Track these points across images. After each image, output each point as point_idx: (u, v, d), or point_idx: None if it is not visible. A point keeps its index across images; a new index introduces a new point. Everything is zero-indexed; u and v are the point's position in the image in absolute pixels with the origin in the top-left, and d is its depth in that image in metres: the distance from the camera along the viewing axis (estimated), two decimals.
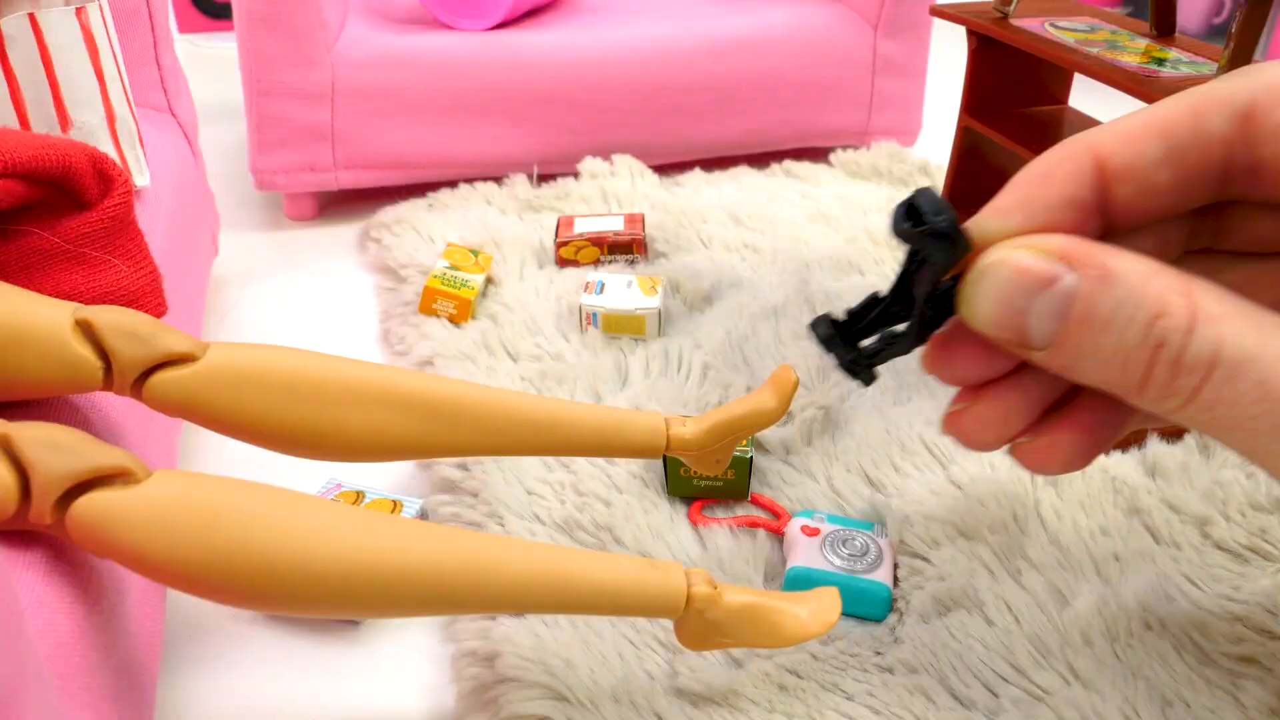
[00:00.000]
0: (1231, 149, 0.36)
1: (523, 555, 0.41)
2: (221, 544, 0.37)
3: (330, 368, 0.49)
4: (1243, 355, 0.33)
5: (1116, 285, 0.34)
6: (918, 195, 0.40)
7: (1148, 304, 0.34)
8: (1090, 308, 0.35)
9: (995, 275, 0.36)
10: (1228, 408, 0.34)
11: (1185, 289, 0.34)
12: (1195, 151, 0.36)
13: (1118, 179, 0.37)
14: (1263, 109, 0.35)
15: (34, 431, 0.37)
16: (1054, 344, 0.36)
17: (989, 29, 0.74)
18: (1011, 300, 0.36)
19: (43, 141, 0.50)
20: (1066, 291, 0.35)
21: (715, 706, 0.49)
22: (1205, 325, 0.33)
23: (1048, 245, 0.36)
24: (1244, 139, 0.35)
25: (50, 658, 0.34)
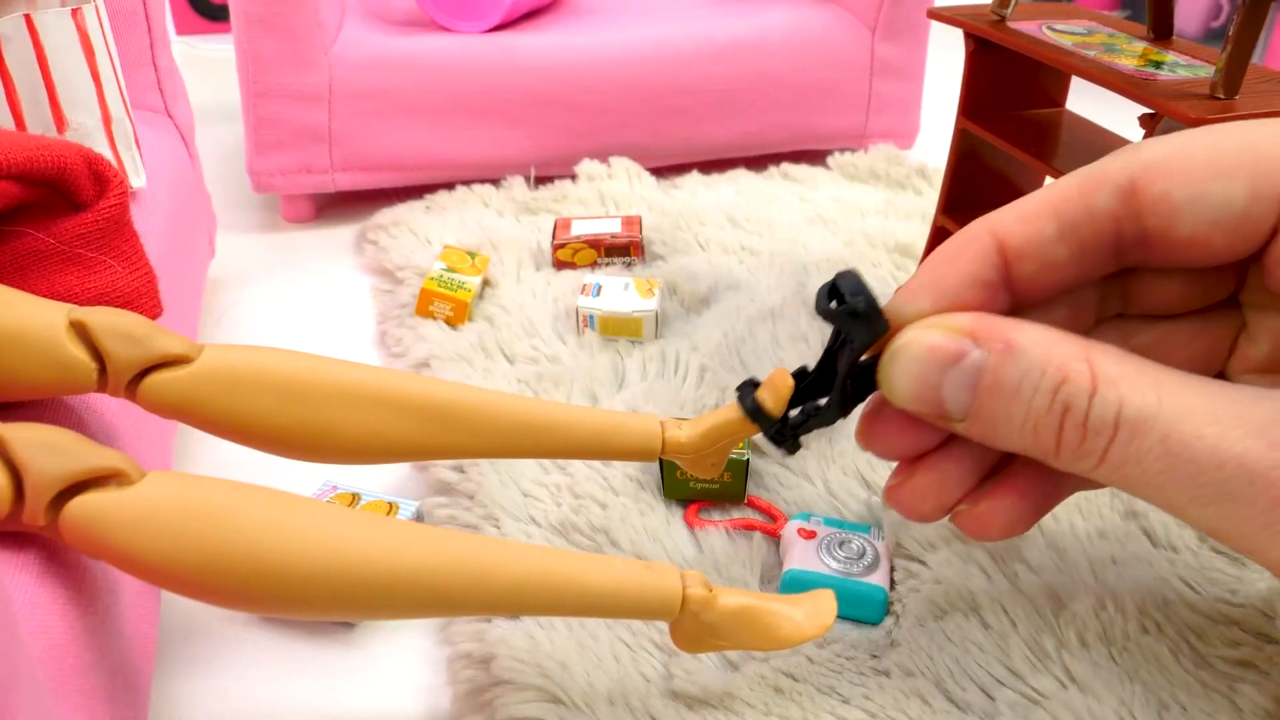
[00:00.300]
0: (1120, 223, 0.38)
1: (518, 557, 0.41)
2: (216, 546, 0.37)
3: (326, 369, 0.49)
4: (1142, 415, 0.35)
5: (1020, 356, 0.37)
6: (839, 278, 0.42)
7: (1050, 372, 0.36)
8: (998, 379, 0.37)
9: (908, 354, 0.39)
10: (1135, 465, 0.36)
11: (1085, 355, 0.36)
12: (1087, 227, 0.38)
13: (1018, 257, 0.39)
14: (1143, 184, 0.37)
15: (27, 433, 0.36)
16: (970, 415, 0.39)
17: (986, 32, 0.74)
18: (924, 377, 0.38)
19: (38, 142, 0.50)
20: (974, 365, 0.37)
21: (711, 709, 0.49)
22: (1106, 388, 0.35)
23: (955, 324, 0.38)
24: (1130, 213, 0.37)
25: (44, 659, 0.34)
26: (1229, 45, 0.58)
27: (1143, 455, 0.35)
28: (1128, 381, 0.36)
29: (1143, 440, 0.35)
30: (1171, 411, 0.35)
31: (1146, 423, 0.35)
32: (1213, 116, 0.57)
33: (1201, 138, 0.37)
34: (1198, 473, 0.34)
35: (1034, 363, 0.36)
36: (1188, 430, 0.34)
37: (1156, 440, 0.35)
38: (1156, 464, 0.35)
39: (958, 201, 0.83)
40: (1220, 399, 0.35)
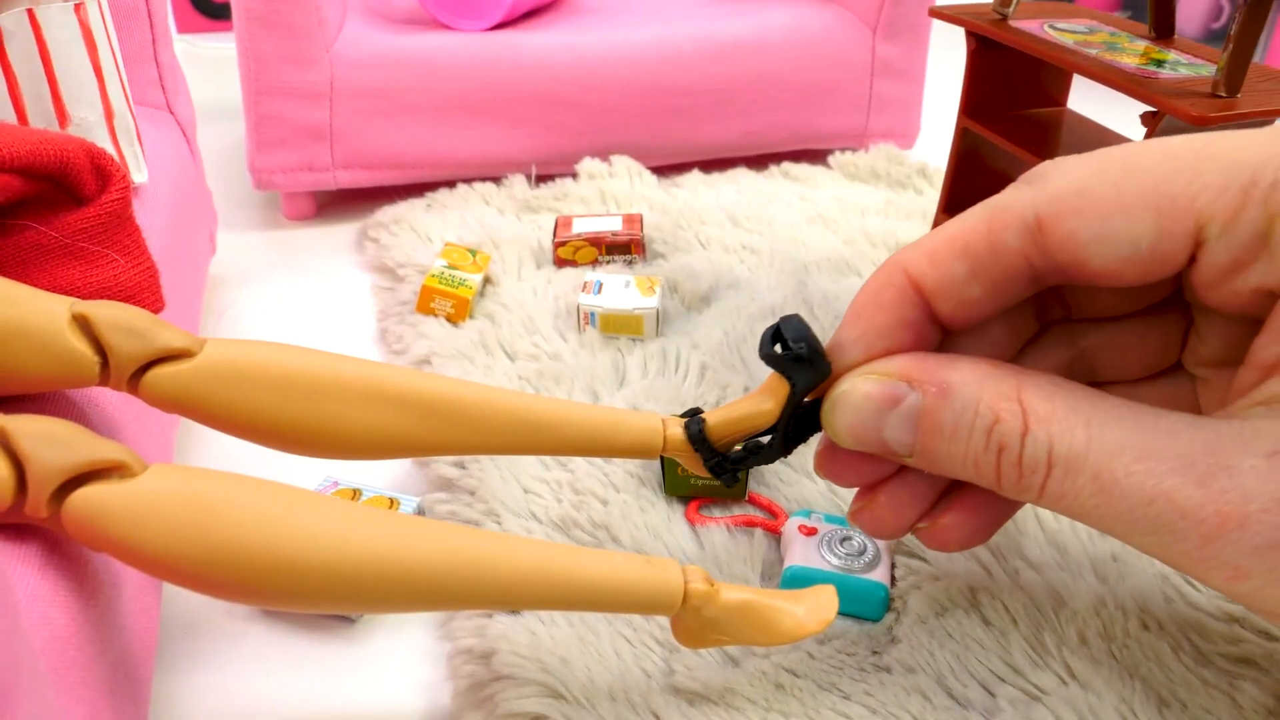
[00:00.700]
0: (1030, 259, 0.38)
1: (520, 552, 0.41)
2: (217, 538, 0.37)
3: (328, 365, 0.49)
4: (1072, 454, 0.36)
5: (953, 398, 0.38)
6: (783, 323, 0.43)
7: (983, 412, 0.37)
8: (934, 421, 0.39)
9: (847, 402, 0.41)
10: (1073, 499, 0.37)
11: (1016, 393, 0.37)
12: (997, 266, 0.38)
13: (934, 297, 0.40)
14: (1049, 222, 0.36)
15: (30, 425, 0.36)
16: (915, 453, 0.40)
17: (988, 30, 0.74)
18: (864, 422, 0.40)
19: (40, 136, 0.50)
20: (911, 409, 0.39)
21: (712, 705, 0.49)
22: (1037, 428, 0.37)
23: (889, 369, 0.40)
24: (1039, 251, 0.37)
25: (45, 651, 0.34)
26: (1230, 44, 0.58)
27: (1077, 491, 0.36)
28: (1058, 421, 0.36)
29: (1075, 478, 0.36)
30: (1101, 449, 0.36)
31: (1077, 461, 0.36)
32: (1214, 115, 0.57)
33: (1108, 169, 0.36)
34: (1130, 508, 0.35)
35: (967, 404, 0.38)
36: (1117, 468, 0.35)
37: (1088, 478, 0.36)
38: (1091, 500, 0.36)
39: (959, 200, 0.83)
40: (1152, 431, 0.36)
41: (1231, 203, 0.34)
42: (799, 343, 0.44)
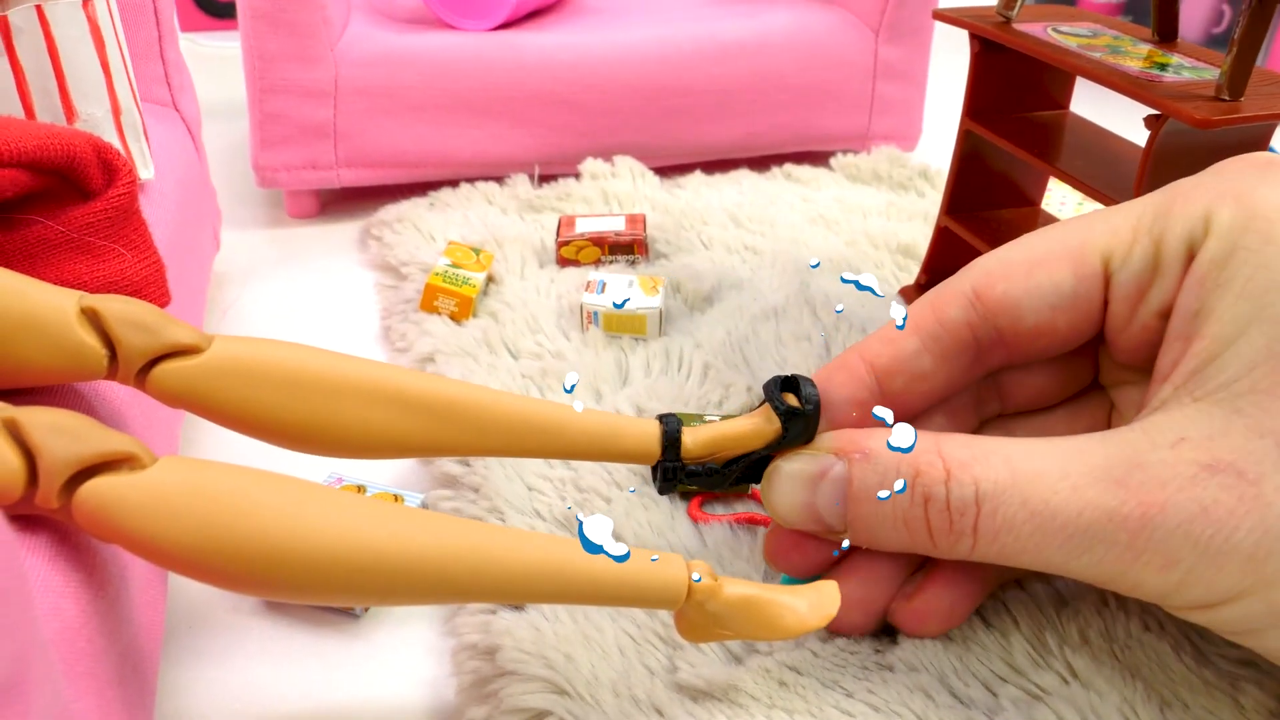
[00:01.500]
0: (974, 328, 0.43)
1: (526, 545, 0.41)
2: (226, 529, 0.37)
3: (334, 364, 0.49)
4: (998, 488, 0.39)
5: (875, 460, 0.41)
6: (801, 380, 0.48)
7: (904, 468, 0.41)
8: (862, 485, 0.42)
9: (780, 478, 0.45)
10: (1008, 534, 0.39)
11: (935, 447, 0.41)
12: (946, 337, 0.44)
13: (887, 374, 0.44)
14: (984, 289, 0.43)
15: (41, 416, 0.37)
16: (849, 524, 0.43)
17: (991, 33, 0.74)
18: (796, 495, 0.44)
19: (47, 131, 0.50)
20: (838, 477, 0.43)
21: (715, 702, 0.49)
22: (959, 472, 0.40)
23: (821, 445, 0.44)
24: (979, 317, 0.43)
25: (55, 642, 0.34)
26: (1234, 47, 0.58)
27: (1011, 522, 0.39)
28: (979, 462, 0.39)
29: (1006, 509, 0.39)
30: (1024, 477, 0.39)
31: (1004, 493, 0.39)
32: (1218, 118, 0.57)
33: (1027, 240, 0.43)
34: (1063, 525, 0.38)
35: (888, 464, 0.41)
36: (1043, 489, 0.38)
37: (1018, 506, 0.38)
38: (1025, 527, 0.39)
39: (961, 202, 0.84)
40: (1065, 454, 0.39)
41: (1126, 238, 0.41)
42: (809, 404, 0.49)
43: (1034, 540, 0.39)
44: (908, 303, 0.88)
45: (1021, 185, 0.84)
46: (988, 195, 0.84)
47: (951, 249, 0.85)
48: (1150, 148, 0.62)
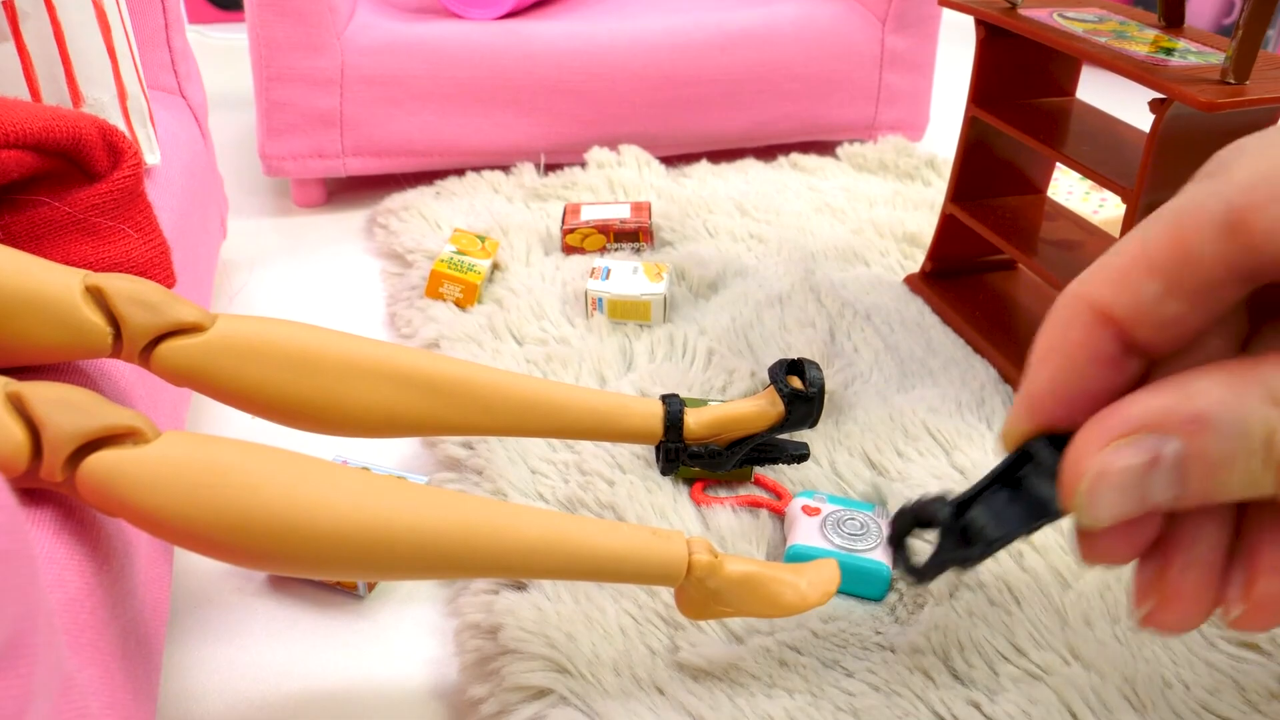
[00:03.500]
0: (1233, 264, 0.33)
1: (529, 521, 0.42)
2: (228, 503, 0.37)
3: (337, 343, 0.49)
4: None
5: (1214, 429, 0.33)
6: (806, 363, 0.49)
7: (1253, 430, 0.33)
8: (1205, 462, 0.33)
9: (1108, 487, 0.34)
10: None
11: (1269, 393, 0.32)
12: (1195, 277, 0.34)
13: (1129, 325, 0.35)
14: (1248, 216, 0.32)
15: (46, 391, 0.37)
16: (1182, 497, 0.34)
17: (998, 19, 0.74)
18: (1127, 501, 0.34)
19: (53, 113, 0.50)
20: (1175, 459, 0.34)
21: (716, 681, 0.50)
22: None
23: (1126, 422, 0.34)
24: (1241, 250, 0.33)
25: (59, 612, 0.34)
26: (1240, 30, 0.58)
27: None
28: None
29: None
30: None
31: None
32: (1223, 101, 0.57)
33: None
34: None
35: (1233, 428, 0.33)
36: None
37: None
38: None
39: (967, 190, 0.84)
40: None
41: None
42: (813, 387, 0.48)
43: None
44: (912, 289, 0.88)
45: (1027, 172, 0.84)
46: (993, 183, 0.84)
47: (957, 237, 0.85)
48: (1155, 131, 0.62)
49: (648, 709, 0.48)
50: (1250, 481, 0.33)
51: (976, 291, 0.85)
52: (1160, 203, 0.55)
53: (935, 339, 0.80)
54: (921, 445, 0.65)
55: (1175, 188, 0.61)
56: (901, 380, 0.74)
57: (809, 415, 0.55)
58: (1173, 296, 0.34)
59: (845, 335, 0.80)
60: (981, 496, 0.40)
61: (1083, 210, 0.96)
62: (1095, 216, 0.95)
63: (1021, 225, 0.80)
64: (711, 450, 0.55)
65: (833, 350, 0.77)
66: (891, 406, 0.70)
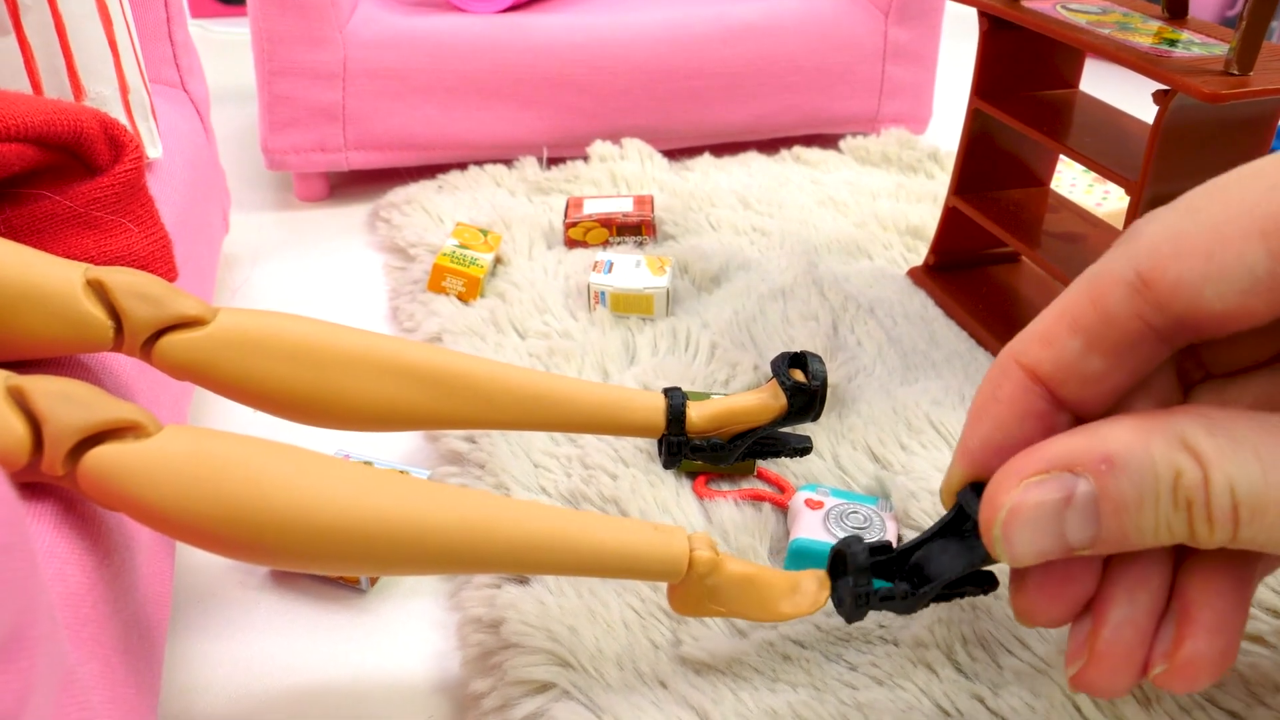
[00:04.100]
0: (1146, 319, 0.35)
1: (530, 516, 0.41)
2: (231, 498, 0.37)
3: (339, 336, 0.49)
4: (1253, 492, 0.33)
5: (1126, 467, 0.34)
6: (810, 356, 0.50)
7: (1162, 472, 0.34)
8: (1117, 501, 0.34)
9: (1022, 521, 0.36)
10: (1270, 542, 0.33)
11: (1180, 439, 0.34)
12: (1112, 333, 0.36)
13: (1054, 381, 0.37)
14: (1152, 276, 0.34)
15: (47, 384, 0.37)
16: (1099, 540, 0.35)
17: (1001, 10, 0.73)
18: (1043, 535, 0.36)
19: (54, 106, 0.50)
20: (1087, 498, 0.35)
21: (719, 675, 0.49)
22: (1214, 473, 0.33)
23: (1041, 462, 0.36)
24: (1151, 307, 0.35)
25: (60, 606, 0.34)
26: (1243, 21, 0.58)
27: (1271, 532, 0.33)
28: (1228, 457, 0.33)
29: (1264, 516, 0.33)
30: (1279, 476, 0.32)
31: (1260, 500, 0.33)
32: (1227, 92, 0.57)
33: (1198, 207, 0.34)
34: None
35: (1143, 468, 0.34)
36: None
37: (1276, 514, 0.33)
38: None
39: (970, 182, 0.83)
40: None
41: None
42: (815, 380, 0.48)
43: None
44: (915, 282, 0.88)
45: (1030, 165, 0.84)
46: (997, 175, 0.84)
47: (960, 229, 0.85)
48: (1159, 123, 0.62)
49: (650, 703, 0.48)
50: (1163, 524, 0.34)
51: (980, 284, 0.85)
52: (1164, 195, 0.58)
53: (938, 332, 0.80)
54: (925, 438, 0.65)
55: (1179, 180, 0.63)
56: (905, 373, 0.74)
57: (811, 408, 0.55)
58: (1094, 353, 0.36)
59: (848, 328, 0.80)
60: (925, 545, 0.42)
61: (1086, 203, 0.96)
62: (1099, 209, 0.95)
63: (1025, 218, 0.80)
64: (714, 444, 0.55)
65: (836, 343, 0.77)
66: (895, 399, 0.69)
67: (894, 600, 0.42)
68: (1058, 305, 0.37)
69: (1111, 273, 0.35)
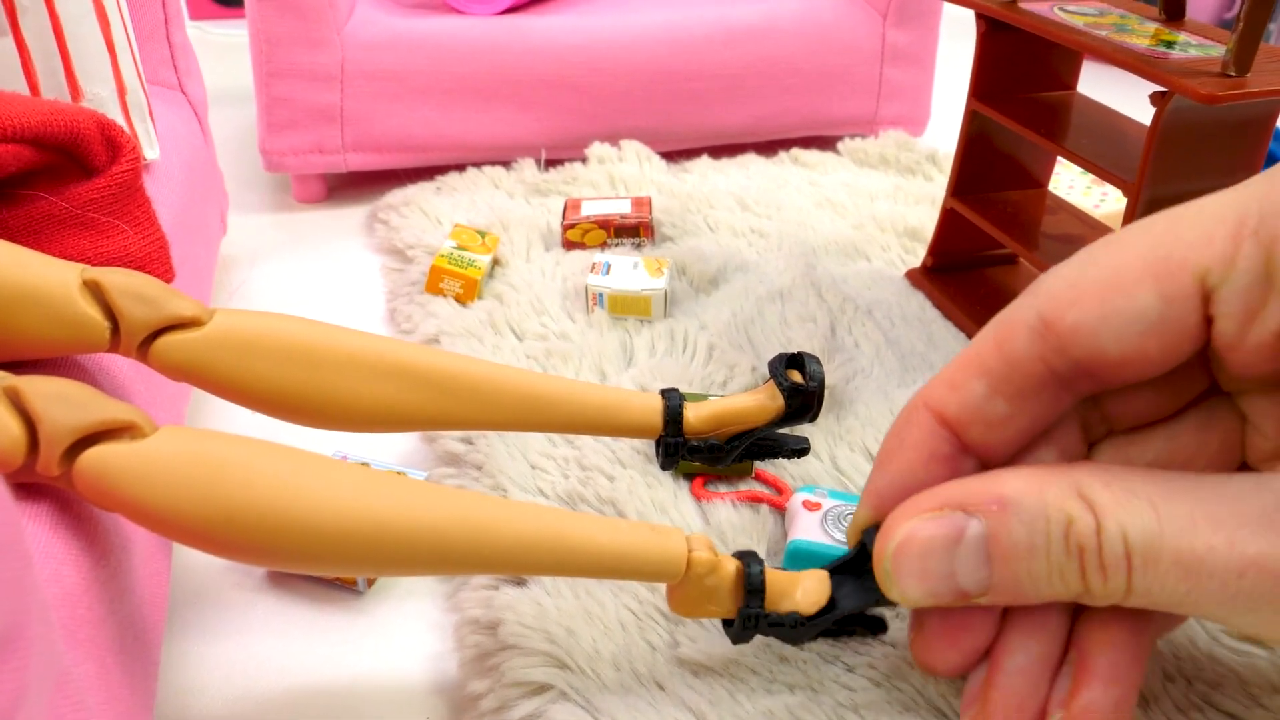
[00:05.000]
0: (1046, 362, 0.36)
1: (527, 517, 0.41)
2: (226, 498, 0.37)
3: (336, 337, 0.49)
4: (1148, 539, 0.33)
5: (1018, 510, 0.35)
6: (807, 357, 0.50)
7: (1054, 517, 0.34)
8: (1008, 542, 0.35)
9: (909, 554, 0.37)
10: (1161, 593, 0.33)
11: (1075, 489, 0.35)
12: (1016, 376, 0.37)
13: (960, 424, 0.38)
14: (1053, 319, 0.36)
15: (43, 385, 0.37)
16: (992, 587, 0.36)
17: (998, 12, 0.73)
18: (934, 569, 0.36)
19: (51, 107, 0.50)
20: (977, 538, 0.35)
21: (716, 676, 0.49)
22: (1107, 520, 0.34)
23: (936, 500, 0.37)
24: (1051, 350, 0.36)
25: (56, 607, 0.34)
26: (1240, 23, 0.58)
27: (1164, 581, 0.33)
28: (1123, 507, 0.34)
29: (1157, 565, 0.33)
30: (1174, 528, 0.33)
31: (1154, 547, 0.33)
32: (1224, 93, 0.57)
33: (1095, 257, 0.36)
34: (1222, 585, 0.32)
35: (1035, 512, 0.35)
36: (1197, 544, 0.32)
37: (1170, 563, 0.33)
38: (1180, 586, 0.33)
39: (967, 184, 0.83)
40: (1217, 499, 0.33)
41: (1224, 247, 0.33)
42: (813, 380, 0.49)
43: (1193, 598, 0.33)
44: (913, 283, 0.88)
45: (1028, 166, 0.84)
46: (994, 177, 0.84)
47: (958, 231, 0.85)
48: (1156, 124, 0.62)
49: (648, 704, 0.48)
50: (1055, 572, 0.35)
51: (978, 286, 0.85)
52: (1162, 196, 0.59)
53: (936, 333, 0.80)
54: None
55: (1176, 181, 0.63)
56: (903, 375, 0.74)
57: (809, 409, 0.55)
58: (998, 396, 0.37)
59: (846, 330, 0.80)
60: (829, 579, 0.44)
61: (1084, 204, 0.96)
62: (1096, 211, 0.95)
63: (1023, 219, 0.80)
64: (711, 445, 0.55)
65: (834, 345, 0.77)
66: (893, 401, 0.69)
67: (782, 628, 0.43)
68: (967, 351, 0.39)
69: (1016, 319, 0.37)
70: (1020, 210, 0.81)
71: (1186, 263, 0.34)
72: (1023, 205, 0.82)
